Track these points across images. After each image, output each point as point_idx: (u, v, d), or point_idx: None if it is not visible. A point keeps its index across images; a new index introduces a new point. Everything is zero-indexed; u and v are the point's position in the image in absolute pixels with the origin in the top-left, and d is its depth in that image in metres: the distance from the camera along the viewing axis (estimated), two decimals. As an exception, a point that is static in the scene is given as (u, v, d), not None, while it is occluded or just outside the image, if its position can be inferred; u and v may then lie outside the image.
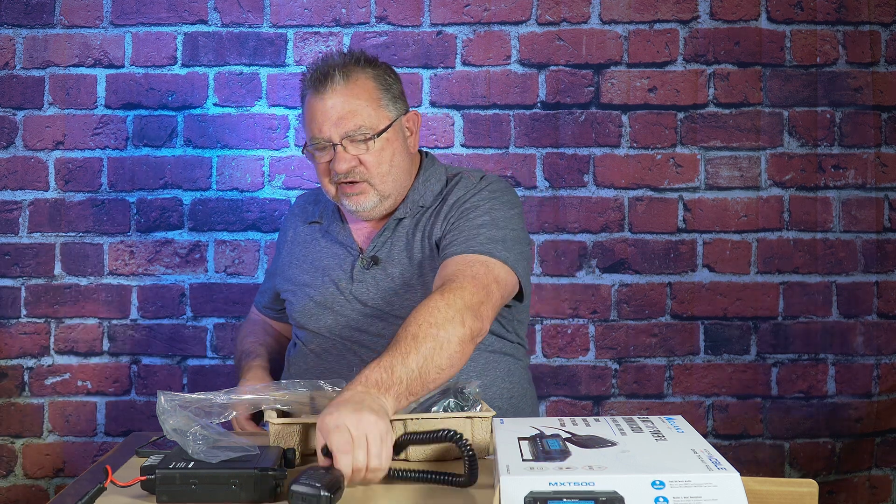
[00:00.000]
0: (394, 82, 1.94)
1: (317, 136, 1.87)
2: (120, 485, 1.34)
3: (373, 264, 1.91)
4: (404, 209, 1.94)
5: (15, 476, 2.79)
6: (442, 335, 1.59)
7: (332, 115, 1.85)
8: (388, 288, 1.89)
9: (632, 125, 2.79)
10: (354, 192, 1.88)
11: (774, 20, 2.78)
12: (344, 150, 1.85)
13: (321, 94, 1.86)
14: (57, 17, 2.77)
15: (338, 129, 1.85)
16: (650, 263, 2.79)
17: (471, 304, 1.66)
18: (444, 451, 1.52)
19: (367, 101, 1.86)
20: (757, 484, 1.28)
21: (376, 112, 1.87)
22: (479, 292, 1.70)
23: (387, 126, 1.88)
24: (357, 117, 1.85)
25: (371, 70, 1.90)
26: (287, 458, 1.43)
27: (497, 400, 1.89)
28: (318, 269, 1.98)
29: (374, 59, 1.94)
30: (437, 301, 1.64)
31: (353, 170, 1.86)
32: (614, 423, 1.38)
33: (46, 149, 2.78)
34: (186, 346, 2.79)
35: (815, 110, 2.79)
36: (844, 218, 2.79)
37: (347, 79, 1.86)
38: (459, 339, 1.61)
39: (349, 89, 1.86)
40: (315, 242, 2.02)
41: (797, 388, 2.80)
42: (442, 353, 1.58)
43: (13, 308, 2.77)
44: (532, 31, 2.78)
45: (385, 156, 1.88)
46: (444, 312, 1.62)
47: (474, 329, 1.65)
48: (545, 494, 1.12)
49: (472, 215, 1.86)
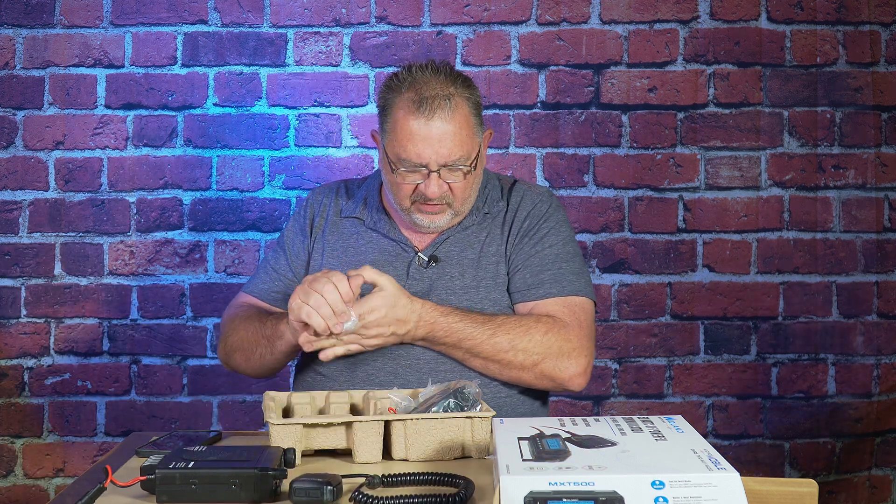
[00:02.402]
0: (480, 102, 1.91)
1: (413, 160, 1.82)
2: (120, 485, 1.34)
3: (432, 263, 1.92)
4: (472, 217, 1.95)
5: (15, 476, 2.79)
6: (520, 346, 1.81)
7: (435, 142, 1.80)
8: (446, 288, 1.90)
9: (632, 125, 2.79)
10: (433, 212, 1.88)
11: (774, 20, 2.78)
12: (438, 178, 1.83)
13: (424, 117, 1.80)
14: (57, 17, 2.77)
15: (438, 158, 1.82)
16: (650, 263, 2.79)
17: (568, 351, 1.84)
18: (443, 451, 1.52)
19: (465, 130, 1.83)
20: (757, 484, 1.28)
21: (472, 140, 1.85)
22: (584, 340, 1.87)
23: (478, 153, 1.87)
24: (458, 148, 1.82)
25: (467, 93, 1.86)
26: (287, 458, 1.43)
27: (509, 397, 1.92)
28: (365, 262, 1.92)
29: (468, 80, 1.90)
30: (544, 327, 1.83)
31: (442, 195, 1.86)
32: (614, 423, 1.38)
33: (46, 149, 2.78)
34: (186, 346, 2.79)
35: (815, 110, 2.79)
36: (844, 218, 2.79)
37: (452, 106, 1.81)
38: (526, 365, 1.83)
39: (453, 118, 1.81)
40: (357, 236, 1.98)
41: (797, 388, 2.80)
42: (502, 354, 1.81)
43: (13, 308, 2.78)
44: (532, 31, 2.79)
45: (472, 182, 1.88)
46: (541, 341, 1.83)
47: (547, 370, 1.84)
48: (545, 494, 1.12)
49: (553, 240, 1.94)
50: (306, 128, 2.80)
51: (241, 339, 1.95)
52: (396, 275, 1.90)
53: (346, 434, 1.53)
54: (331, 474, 1.34)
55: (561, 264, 1.92)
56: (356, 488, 1.31)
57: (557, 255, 1.93)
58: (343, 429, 1.53)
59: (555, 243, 1.93)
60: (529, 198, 1.98)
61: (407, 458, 1.52)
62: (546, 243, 1.93)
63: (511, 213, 1.97)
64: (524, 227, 1.95)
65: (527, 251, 1.92)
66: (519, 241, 1.93)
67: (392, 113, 1.85)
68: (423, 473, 1.39)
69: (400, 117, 1.83)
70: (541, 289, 1.89)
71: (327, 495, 1.29)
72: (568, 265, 1.92)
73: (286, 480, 1.34)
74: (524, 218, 1.96)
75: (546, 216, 1.96)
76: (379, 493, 1.34)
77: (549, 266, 1.91)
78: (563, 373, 1.84)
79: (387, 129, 1.87)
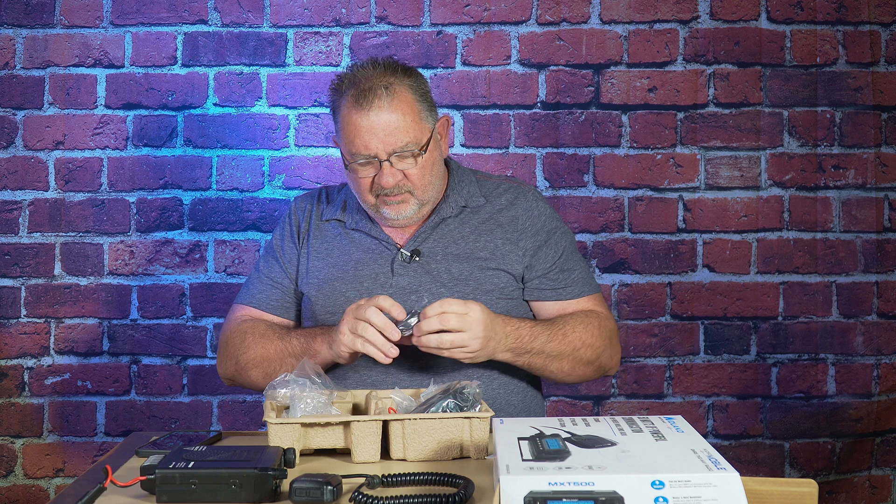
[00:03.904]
0: (427, 90, 1.93)
1: (362, 152, 1.85)
2: (120, 485, 1.34)
3: (414, 258, 1.93)
4: (448, 209, 1.96)
5: (15, 476, 2.79)
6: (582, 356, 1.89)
7: (379, 131, 1.84)
8: (435, 281, 1.91)
9: (632, 125, 2.79)
10: (396, 202, 1.89)
11: (774, 20, 2.78)
12: (391, 166, 1.85)
13: (364, 109, 1.84)
14: (57, 17, 2.77)
15: (385, 147, 1.84)
16: (650, 263, 2.79)
17: (613, 341, 1.97)
18: (441, 451, 1.52)
19: (410, 116, 1.86)
20: (757, 484, 1.28)
21: (419, 125, 1.87)
22: (617, 329, 2.00)
23: (429, 138, 1.89)
24: (404, 133, 1.84)
25: (408, 80, 1.88)
26: (287, 458, 1.43)
27: (513, 396, 1.95)
28: (349, 262, 1.96)
29: (410, 68, 1.92)
30: (597, 324, 1.93)
31: (398, 184, 1.87)
32: (614, 423, 1.38)
33: (46, 149, 2.78)
34: (186, 346, 2.79)
35: (815, 110, 2.79)
36: (844, 218, 2.79)
37: (391, 94, 1.84)
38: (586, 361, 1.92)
39: (393, 105, 1.84)
40: (340, 237, 1.99)
41: (797, 388, 2.80)
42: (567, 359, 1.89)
43: (13, 308, 2.78)
44: (532, 31, 2.78)
45: (427, 167, 1.89)
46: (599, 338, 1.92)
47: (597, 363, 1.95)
48: (545, 494, 1.12)
49: (565, 241, 2.00)
50: (306, 128, 2.80)
51: (259, 357, 1.94)
52: (381, 272, 1.93)
53: (345, 434, 1.54)
54: (331, 474, 1.34)
55: (580, 262, 2.02)
56: (356, 488, 1.31)
57: (573, 254, 2.01)
58: (341, 428, 1.54)
59: (568, 243, 2.01)
60: (523, 198, 2.00)
61: (405, 458, 1.52)
62: (562, 243, 1.99)
63: (503, 212, 1.98)
64: (535, 230, 1.97)
65: (550, 254, 1.96)
66: (534, 244, 1.96)
67: (339, 112, 1.90)
68: (423, 473, 1.39)
69: (345, 114, 1.87)
70: (575, 287, 1.97)
71: (327, 495, 1.29)
72: (582, 262, 2.03)
73: (286, 480, 1.34)
74: (527, 219, 1.97)
75: (551, 215, 2.01)
76: (379, 493, 1.34)
77: (574, 266, 1.99)
78: (612, 360, 1.97)
79: (338, 129, 1.92)
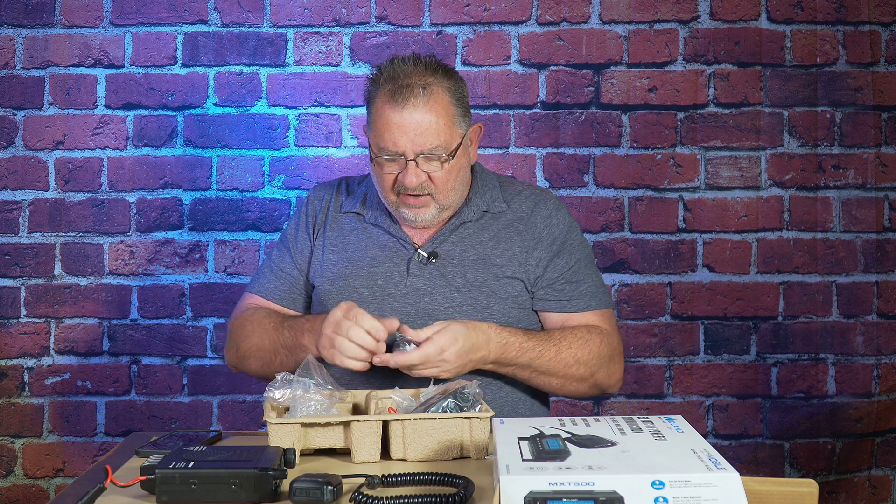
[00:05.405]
0: (465, 94, 1.91)
1: (390, 148, 1.83)
2: (120, 485, 1.34)
3: (431, 259, 1.91)
4: (469, 213, 1.94)
5: (15, 476, 2.79)
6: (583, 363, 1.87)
7: (410, 130, 1.82)
8: (450, 285, 1.89)
9: (632, 125, 2.79)
10: (417, 205, 1.88)
11: (774, 20, 2.78)
12: (416, 167, 1.84)
13: (399, 106, 1.81)
14: (57, 17, 2.77)
15: (413, 146, 1.82)
16: (650, 263, 2.79)
17: (614, 359, 1.93)
18: (441, 451, 1.52)
19: (444, 119, 1.83)
20: (757, 484, 1.28)
21: (451, 130, 1.85)
22: (621, 347, 1.97)
23: (459, 143, 1.87)
24: (434, 136, 1.82)
25: (447, 83, 1.86)
26: (287, 458, 1.43)
27: (520, 404, 1.94)
28: (365, 258, 1.94)
29: (451, 70, 1.90)
30: (599, 339, 1.90)
31: (421, 184, 1.85)
32: (614, 423, 1.38)
33: (46, 149, 2.78)
34: (186, 346, 2.79)
35: (815, 110, 2.79)
36: (844, 218, 2.79)
37: (428, 94, 1.82)
38: (584, 375, 1.89)
39: (429, 106, 1.82)
40: (357, 232, 1.98)
41: (797, 388, 2.80)
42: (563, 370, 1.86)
43: (13, 308, 2.78)
44: (532, 31, 2.78)
45: (453, 173, 1.87)
46: (599, 350, 1.89)
47: (597, 380, 1.92)
48: (545, 494, 1.12)
49: (580, 253, 1.97)
50: (306, 128, 2.80)
51: (255, 347, 1.94)
52: (397, 270, 1.91)
53: (345, 434, 1.53)
54: (331, 474, 1.34)
55: (592, 275, 1.97)
56: (356, 488, 1.31)
57: (586, 267, 1.97)
58: (341, 428, 1.54)
59: (582, 255, 1.97)
60: (544, 209, 1.97)
61: (405, 458, 1.52)
62: (575, 255, 1.96)
63: (523, 220, 1.96)
64: (551, 239, 1.95)
65: (561, 264, 1.94)
66: (548, 254, 1.94)
67: (373, 104, 1.88)
68: (423, 473, 1.39)
69: (378, 107, 1.85)
70: (581, 300, 1.94)
71: (327, 495, 1.29)
72: (596, 276, 1.99)
73: (286, 480, 1.34)
74: (544, 227, 1.95)
75: (569, 226, 1.98)
76: (379, 493, 1.34)
77: (584, 278, 1.95)
78: (610, 379, 1.92)
79: (370, 120, 1.89)
